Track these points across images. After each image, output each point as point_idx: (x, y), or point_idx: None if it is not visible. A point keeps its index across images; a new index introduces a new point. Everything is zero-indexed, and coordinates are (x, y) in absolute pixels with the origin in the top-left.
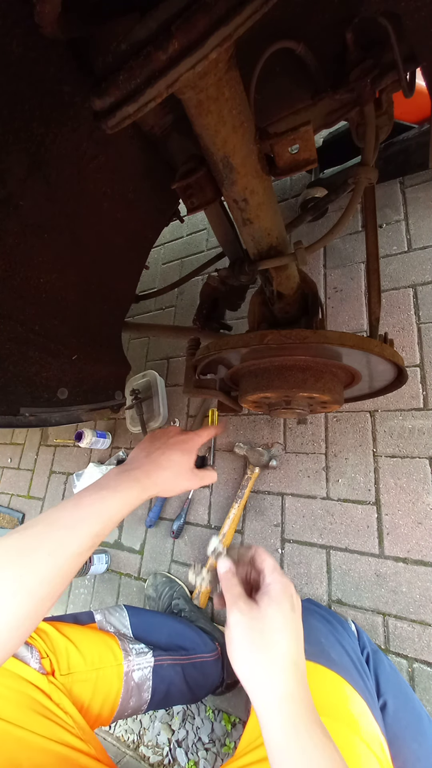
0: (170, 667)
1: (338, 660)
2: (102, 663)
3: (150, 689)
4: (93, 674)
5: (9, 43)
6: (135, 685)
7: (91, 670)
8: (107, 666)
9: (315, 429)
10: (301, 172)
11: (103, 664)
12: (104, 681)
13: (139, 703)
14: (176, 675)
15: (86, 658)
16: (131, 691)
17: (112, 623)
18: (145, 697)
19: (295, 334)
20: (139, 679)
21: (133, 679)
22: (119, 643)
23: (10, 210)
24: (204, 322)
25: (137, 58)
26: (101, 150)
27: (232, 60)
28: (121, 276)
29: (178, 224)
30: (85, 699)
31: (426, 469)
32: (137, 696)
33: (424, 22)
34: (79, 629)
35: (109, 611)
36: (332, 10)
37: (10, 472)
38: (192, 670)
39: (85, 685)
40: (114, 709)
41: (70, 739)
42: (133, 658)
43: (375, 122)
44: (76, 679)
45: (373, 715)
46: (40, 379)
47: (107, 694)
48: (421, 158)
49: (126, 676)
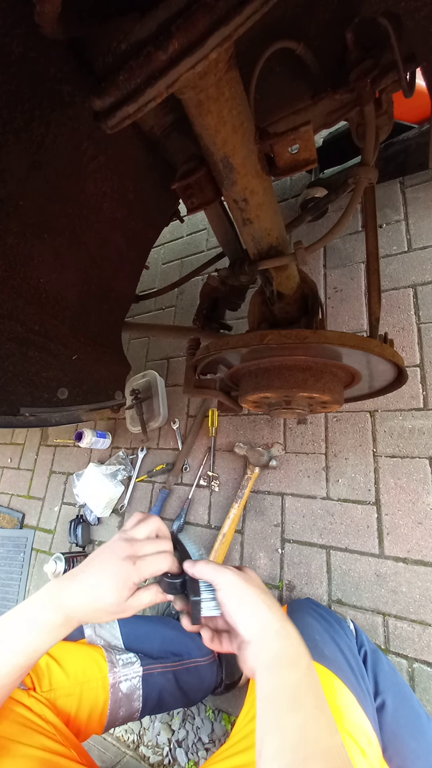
0: (160, 674)
1: (331, 656)
2: (86, 677)
3: (140, 698)
4: (77, 689)
5: (9, 42)
6: (123, 696)
7: (75, 684)
8: (92, 679)
9: (315, 429)
10: (301, 172)
11: (87, 677)
12: (89, 694)
13: (129, 712)
14: (167, 682)
15: (69, 673)
16: (119, 702)
17: (102, 636)
18: (135, 706)
19: (295, 334)
20: (128, 689)
21: (120, 690)
22: (105, 655)
23: (10, 210)
24: (204, 322)
25: (137, 58)
26: (101, 150)
27: (232, 60)
28: (121, 276)
29: (178, 224)
30: (71, 711)
31: (426, 469)
32: (127, 705)
33: (424, 22)
34: (62, 645)
35: (99, 624)
36: (332, 10)
37: (10, 472)
38: (186, 675)
39: (69, 699)
40: (103, 719)
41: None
42: (119, 669)
43: (375, 122)
44: (60, 694)
45: (363, 711)
46: (40, 379)
47: (93, 706)
48: (421, 158)
49: (112, 687)
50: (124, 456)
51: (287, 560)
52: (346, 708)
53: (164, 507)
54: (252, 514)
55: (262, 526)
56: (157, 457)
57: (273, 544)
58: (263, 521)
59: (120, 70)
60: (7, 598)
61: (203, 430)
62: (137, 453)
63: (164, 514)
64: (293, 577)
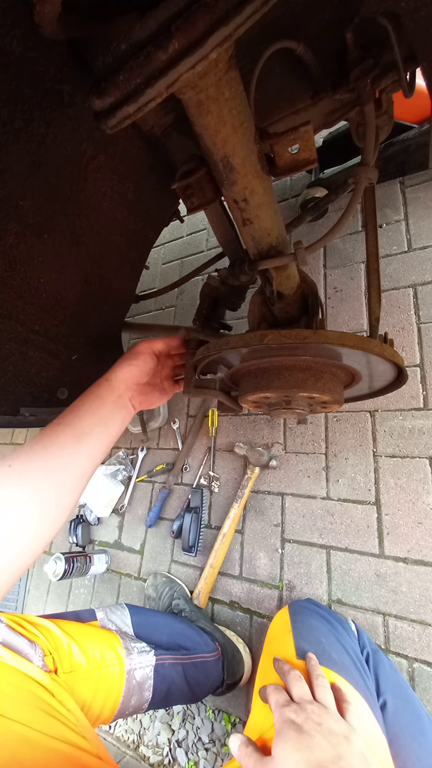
0: (171, 666)
1: (338, 660)
2: (104, 661)
3: (151, 688)
4: (95, 672)
5: (9, 43)
6: (136, 684)
7: (93, 668)
8: (109, 664)
9: (315, 429)
10: (301, 172)
11: (105, 662)
12: (106, 679)
13: (140, 702)
14: (177, 675)
15: (88, 656)
16: (132, 690)
17: (114, 621)
18: (146, 696)
19: (295, 334)
20: (141, 678)
21: (134, 678)
22: (121, 641)
23: (10, 210)
24: (204, 322)
25: (137, 57)
26: (101, 150)
27: (232, 60)
28: (121, 276)
29: (178, 224)
30: (87, 697)
31: (426, 469)
32: (138, 695)
33: (424, 22)
34: (81, 627)
35: (110, 609)
36: (332, 10)
37: None
38: (193, 670)
39: (87, 683)
40: (115, 707)
41: (72, 737)
42: (135, 657)
43: (375, 122)
44: (78, 677)
45: (374, 714)
46: (40, 379)
47: (109, 692)
48: (421, 158)
49: (128, 674)
50: (124, 456)
51: (287, 560)
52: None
53: (164, 507)
54: (252, 514)
55: (262, 526)
56: (157, 457)
57: (273, 544)
58: (263, 521)
59: (120, 70)
60: (8, 598)
61: (203, 430)
62: (137, 453)
63: (164, 514)
64: (293, 577)
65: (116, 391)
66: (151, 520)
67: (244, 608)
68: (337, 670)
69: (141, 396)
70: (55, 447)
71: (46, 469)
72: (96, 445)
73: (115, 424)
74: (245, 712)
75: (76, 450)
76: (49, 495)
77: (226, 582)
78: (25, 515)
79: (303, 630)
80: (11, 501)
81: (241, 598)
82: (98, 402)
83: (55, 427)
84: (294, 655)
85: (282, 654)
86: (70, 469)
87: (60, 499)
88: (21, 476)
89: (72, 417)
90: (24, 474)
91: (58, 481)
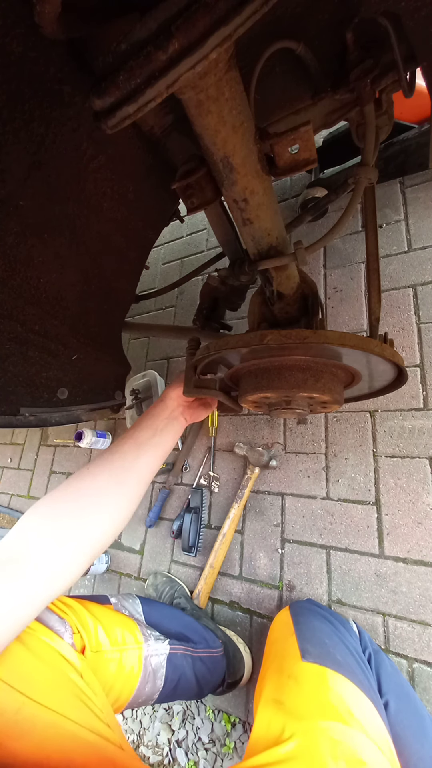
0: (183, 657)
1: (343, 661)
2: (125, 644)
3: (163, 677)
4: (117, 653)
5: (9, 43)
6: (152, 671)
7: (115, 650)
8: (130, 647)
9: (315, 429)
10: (301, 172)
11: (127, 644)
12: (127, 661)
13: (152, 690)
14: (187, 666)
15: (111, 637)
16: (148, 677)
17: (126, 608)
18: (158, 685)
19: (295, 334)
20: (156, 665)
21: (150, 664)
22: (138, 627)
23: (10, 210)
24: (204, 322)
25: (137, 58)
26: (101, 150)
27: (232, 60)
28: (121, 276)
29: (178, 224)
30: (108, 679)
31: (426, 469)
32: (152, 683)
33: (424, 22)
34: (102, 609)
35: (123, 597)
36: (332, 10)
37: (10, 472)
38: (200, 664)
39: (109, 664)
40: (131, 693)
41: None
42: (152, 643)
43: (375, 122)
44: (102, 658)
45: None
46: (40, 379)
47: (128, 676)
48: (421, 158)
49: (145, 660)
50: None
51: (287, 560)
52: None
53: (164, 507)
54: (252, 514)
55: (262, 526)
56: None
57: (273, 544)
58: (263, 521)
59: (120, 70)
60: None
61: (203, 430)
62: None
63: (164, 514)
64: (293, 577)
65: (168, 408)
66: (151, 520)
67: (244, 608)
68: (343, 672)
69: (189, 410)
70: (119, 454)
71: (111, 470)
72: (152, 452)
73: (169, 435)
74: (245, 713)
75: (136, 456)
76: (115, 492)
77: (226, 582)
78: (107, 502)
79: (306, 631)
80: (95, 489)
81: (241, 599)
82: (154, 418)
83: (121, 439)
84: (299, 657)
85: (286, 656)
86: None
87: (125, 495)
88: (93, 475)
89: (133, 430)
90: (96, 474)
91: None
